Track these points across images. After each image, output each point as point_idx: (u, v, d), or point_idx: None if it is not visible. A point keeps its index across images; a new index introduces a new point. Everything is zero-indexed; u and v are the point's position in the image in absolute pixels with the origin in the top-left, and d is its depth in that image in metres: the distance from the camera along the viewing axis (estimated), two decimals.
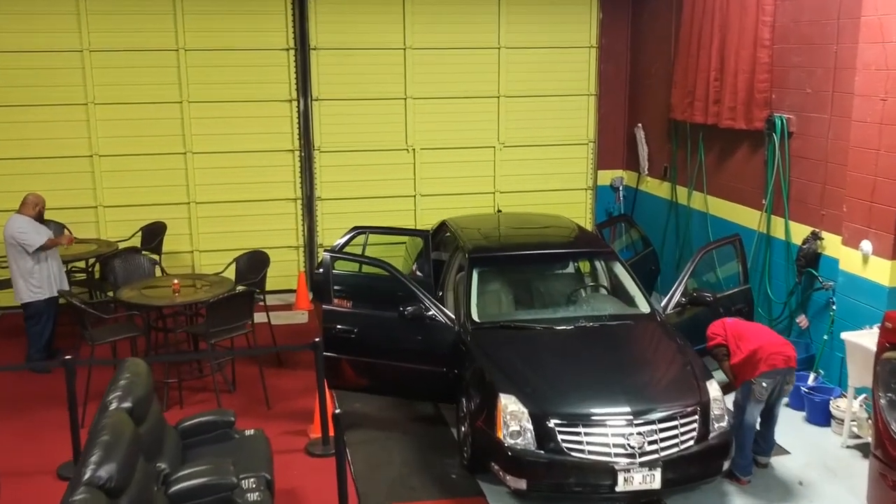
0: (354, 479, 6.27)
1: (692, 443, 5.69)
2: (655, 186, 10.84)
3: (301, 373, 8.21)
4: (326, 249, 7.64)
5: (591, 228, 11.42)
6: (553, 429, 5.62)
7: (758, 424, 6.23)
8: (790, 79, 8.05)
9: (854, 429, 6.73)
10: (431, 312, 6.82)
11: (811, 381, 7.41)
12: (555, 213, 9.28)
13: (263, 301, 8.66)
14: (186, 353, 8.30)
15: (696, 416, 5.76)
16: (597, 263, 7.78)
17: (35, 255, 7.98)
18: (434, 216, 10.49)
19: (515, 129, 11.08)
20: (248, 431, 5.92)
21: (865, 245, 6.93)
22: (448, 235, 8.37)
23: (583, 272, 7.93)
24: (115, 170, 10.20)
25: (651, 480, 5.50)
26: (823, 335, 7.55)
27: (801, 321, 7.89)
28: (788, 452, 6.67)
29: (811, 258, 7.72)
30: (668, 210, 10.43)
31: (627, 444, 5.53)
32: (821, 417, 7.08)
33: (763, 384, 5.98)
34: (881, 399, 5.62)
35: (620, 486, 5.48)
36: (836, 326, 7.34)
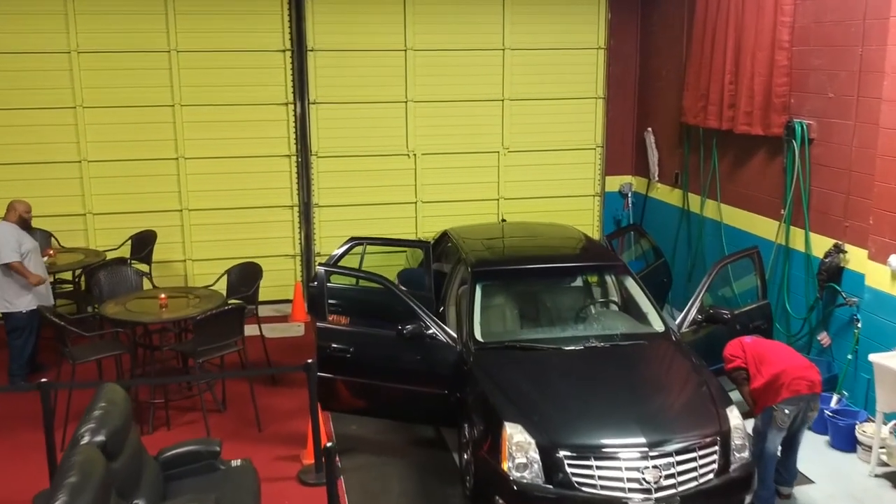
0: None
1: (712, 476, 5.30)
2: (666, 193, 10.45)
3: (295, 391, 7.81)
4: (321, 263, 7.24)
5: (599, 237, 11.07)
6: (562, 461, 5.22)
7: (778, 452, 5.83)
8: (811, 82, 7.65)
9: (883, 457, 6.32)
10: (432, 331, 6.44)
11: (835, 404, 7.00)
12: (561, 223, 8.91)
13: (256, 313, 8.28)
14: (172, 376, 7.93)
15: (716, 447, 5.37)
16: (607, 277, 7.38)
17: (4, 267, 7.61)
18: (436, 224, 10.25)
19: (520, 134, 10.74)
20: (235, 462, 5.53)
21: (894, 260, 6.53)
22: (450, 246, 8.00)
23: (592, 286, 7.53)
24: (105, 176, 9.86)
25: None
26: (847, 354, 7.14)
27: (823, 339, 7.48)
28: (812, 482, 6.26)
29: (834, 272, 7.31)
30: (680, 218, 10.04)
31: (643, 479, 5.13)
32: (846, 443, 6.68)
33: (785, 411, 5.58)
34: None
35: None
36: (862, 346, 6.94)
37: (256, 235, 10.26)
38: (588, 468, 5.19)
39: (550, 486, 5.20)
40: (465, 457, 6.00)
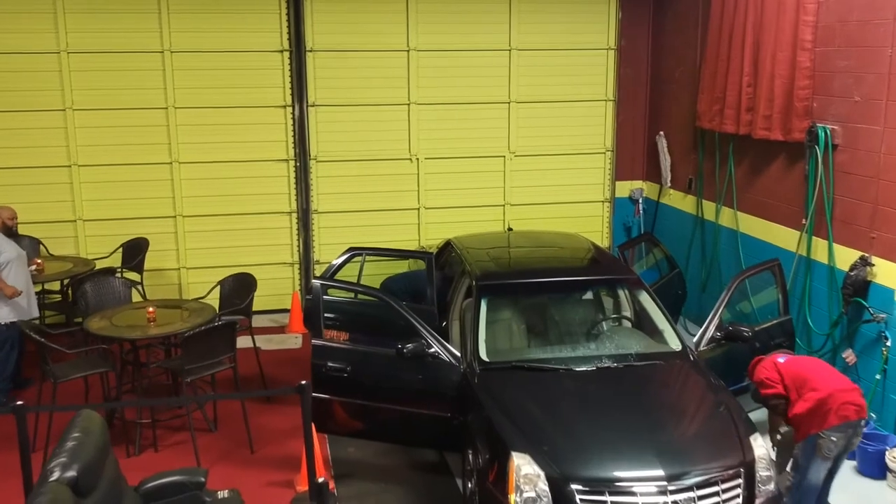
0: None
1: None
2: (679, 200, 10.05)
3: (290, 409, 7.43)
4: (316, 277, 6.86)
5: (609, 244, 10.70)
6: (574, 495, 4.84)
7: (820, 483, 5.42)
8: (835, 85, 7.25)
9: None
10: (434, 349, 6.06)
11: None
12: (570, 232, 8.54)
13: (250, 326, 7.91)
14: (161, 393, 7.59)
15: (740, 480, 5.00)
16: (620, 291, 6.97)
17: None
18: (439, 231, 9.95)
19: (527, 138, 10.37)
20: (222, 493, 5.14)
21: None
22: (453, 257, 7.61)
23: (603, 301, 7.12)
24: (96, 181, 9.52)
25: None
26: (875, 374, 6.73)
27: (849, 357, 7.07)
28: None
29: (860, 286, 6.90)
30: (694, 226, 9.64)
31: None
32: (875, 469, 6.28)
33: (832, 439, 5.16)
34: None
35: None
36: (891, 365, 6.55)
37: (253, 243, 9.92)
38: (602, 503, 4.80)
39: None
40: (470, 486, 5.62)
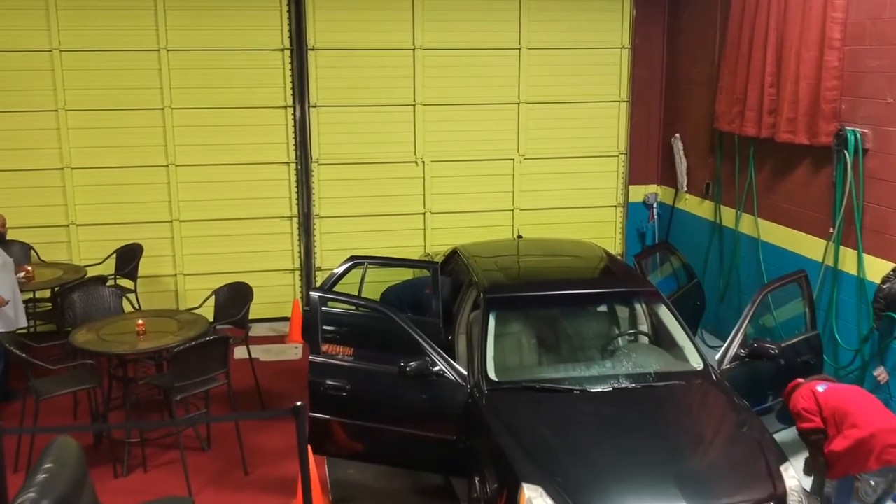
0: None
1: None
2: (695, 205, 9.65)
3: (287, 426, 7.04)
4: (314, 288, 6.50)
5: (622, 250, 10.33)
6: None
7: None
8: (865, 86, 6.85)
9: None
10: (438, 367, 5.68)
11: None
12: (583, 240, 8.18)
13: (246, 337, 7.56)
14: (151, 409, 7.27)
15: None
16: (637, 305, 6.58)
17: None
18: (445, 236, 9.63)
19: (537, 140, 10.00)
20: None
21: None
22: (460, 266, 7.23)
23: (619, 315, 6.73)
24: (90, 184, 9.18)
25: None
26: None
27: (880, 375, 6.67)
28: None
29: (893, 300, 6.50)
30: (711, 232, 9.24)
31: None
32: None
33: (871, 483, 4.76)
34: None
35: None
36: None
37: (252, 249, 9.58)
38: None
39: None
40: None
